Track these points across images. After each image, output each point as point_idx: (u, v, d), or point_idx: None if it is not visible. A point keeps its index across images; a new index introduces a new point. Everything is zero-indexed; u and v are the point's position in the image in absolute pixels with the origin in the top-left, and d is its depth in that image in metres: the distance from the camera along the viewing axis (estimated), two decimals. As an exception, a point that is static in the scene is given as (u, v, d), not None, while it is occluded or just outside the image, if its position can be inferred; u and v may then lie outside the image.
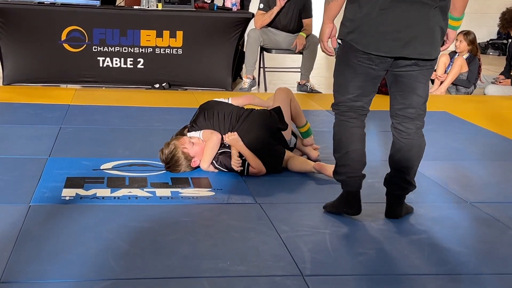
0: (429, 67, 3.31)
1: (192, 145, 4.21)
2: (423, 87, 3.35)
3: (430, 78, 3.40)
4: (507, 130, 5.81)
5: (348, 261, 3.04)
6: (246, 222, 3.43)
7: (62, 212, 3.43)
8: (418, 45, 3.20)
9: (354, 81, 3.31)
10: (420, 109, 3.37)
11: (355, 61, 3.27)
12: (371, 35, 3.19)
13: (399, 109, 3.37)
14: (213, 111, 4.38)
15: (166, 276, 2.78)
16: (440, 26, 3.24)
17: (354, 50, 3.26)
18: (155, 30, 7.14)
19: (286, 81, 8.14)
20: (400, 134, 3.40)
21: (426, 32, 3.20)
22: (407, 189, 3.50)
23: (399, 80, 3.32)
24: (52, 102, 6.16)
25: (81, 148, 4.65)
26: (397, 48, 3.19)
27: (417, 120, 3.39)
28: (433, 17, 3.19)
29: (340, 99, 3.39)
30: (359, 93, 3.33)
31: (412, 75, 3.29)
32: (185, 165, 4.17)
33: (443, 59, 7.93)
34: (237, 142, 4.16)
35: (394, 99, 3.39)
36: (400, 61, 3.25)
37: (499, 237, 3.40)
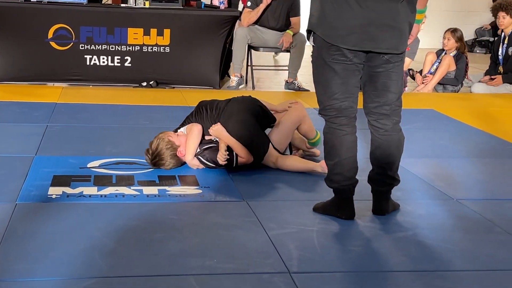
0: (399, 63, 3.34)
1: (177, 136, 4.24)
2: (396, 83, 3.37)
3: (402, 73, 3.41)
4: (493, 127, 5.83)
5: (335, 258, 3.05)
6: (233, 219, 3.43)
7: (49, 210, 3.42)
8: (385, 39, 3.22)
9: (335, 79, 3.30)
10: (395, 105, 3.39)
11: (330, 59, 3.28)
12: (341, 28, 3.21)
13: (374, 107, 3.39)
14: (203, 107, 4.39)
15: (153, 274, 2.78)
16: (408, 20, 3.27)
17: (326, 48, 3.27)
18: (143, 28, 7.12)
19: (274, 79, 8.16)
20: (378, 131, 3.42)
21: (393, 26, 3.22)
22: (391, 185, 3.51)
23: (373, 80, 3.35)
24: (38, 100, 6.14)
25: (68, 146, 4.64)
26: (365, 42, 3.22)
27: (393, 116, 3.40)
28: (400, 11, 3.21)
29: (327, 102, 3.37)
30: (343, 90, 3.32)
31: (385, 74, 3.32)
32: (170, 155, 4.15)
33: (430, 57, 7.95)
34: (221, 132, 4.16)
35: (368, 98, 3.40)
36: (374, 58, 3.28)
37: (485, 234, 3.41)
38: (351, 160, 3.39)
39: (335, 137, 3.37)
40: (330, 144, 3.41)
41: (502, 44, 7.88)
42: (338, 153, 3.38)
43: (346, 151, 3.37)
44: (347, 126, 3.37)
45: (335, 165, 3.40)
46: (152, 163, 4.18)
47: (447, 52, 7.84)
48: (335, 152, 3.38)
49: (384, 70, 3.31)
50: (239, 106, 4.31)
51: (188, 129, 4.28)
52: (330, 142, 3.41)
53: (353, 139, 3.39)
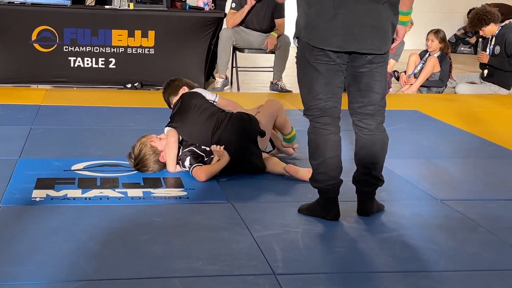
0: (383, 63, 3.36)
1: (159, 140, 4.22)
2: (380, 84, 3.38)
3: (385, 74, 3.43)
4: (477, 128, 5.87)
5: (320, 259, 3.05)
6: (218, 221, 3.43)
7: (33, 213, 3.41)
8: (368, 40, 3.24)
9: (319, 79, 3.32)
10: (379, 105, 3.41)
11: (313, 59, 3.29)
12: (323, 31, 3.23)
13: (358, 107, 3.40)
14: (194, 106, 4.32)
15: (138, 277, 2.77)
16: (391, 21, 3.29)
17: (309, 49, 3.29)
18: (127, 30, 7.10)
19: (259, 81, 8.16)
20: (362, 131, 3.43)
21: (376, 27, 3.24)
22: (375, 185, 3.52)
23: (357, 81, 3.36)
24: (22, 102, 6.11)
25: (52, 149, 4.62)
26: (348, 43, 3.23)
27: (377, 116, 3.41)
28: (383, 12, 3.23)
29: (311, 102, 3.38)
30: (327, 90, 3.33)
31: (369, 74, 3.33)
32: (153, 160, 4.15)
33: (413, 58, 7.99)
34: (224, 156, 4.13)
35: (353, 98, 3.41)
36: (357, 59, 3.29)
37: (469, 234, 3.43)
38: (335, 159, 3.40)
39: (319, 136, 3.39)
40: (314, 144, 3.42)
41: (489, 44, 7.93)
42: (322, 152, 3.39)
43: (330, 151, 3.38)
44: (331, 126, 3.38)
45: (319, 165, 3.41)
46: (135, 168, 4.18)
47: (431, 53, 7.88)
48: (319, 151, 3.39)
49: (368, 71, 3.32)
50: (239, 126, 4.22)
51: (166, 138, 4.23)
52: (314, 142, 3.42)
53: (337, 139, 3.41)
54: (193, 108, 4.31)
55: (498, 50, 7.81)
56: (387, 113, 3.49)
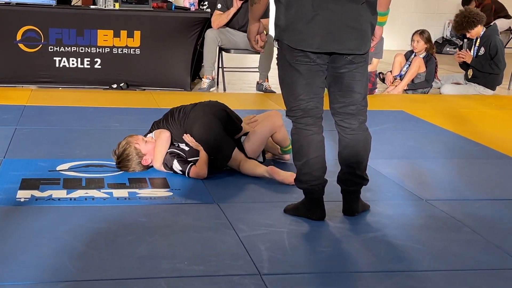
0: (363, 63, 3.36)
1: (145, 142, 4.20)
2: (360, 83, 3.39)
3: (366, 73, 3.44)
4: (462, 128, 5.90)
5: (305, 259, 3.06)
6: (204, 222, 3.43)
7: (17, 214, 3.39)
8: (348, 40, 3.25)
9: (300, 80, 3.32)
10: (361, 105, 3.41)
11: (294, 60, 3.29)
12: (302, 32, 3.23)
13: (339, 107, 3.41)
14: (169, 113, 4.38)
15: (124, 277, 2.76)
16: (370, 21, 3.30)
17: (289, 50, 3.29)
18: (112, 30, 7.08)
19: (246, 81, 8.16)
20: (344, 131, 3.44)
21: (355, 27, 3.25)
22: (360, 184, 3.53)
23: (337, 81, 3.36)
24: (7, 103, 6.08)
25: (37, 149, 4.60)
26: (327, 43, 3.24)
27: (359, 115, 3.42)
28: (362, 12, 3.24)
29: (292, 103, 3.38)
30: (308, 91, 3.33)
31: (350, 75, 3.34)
32: (135, 162, 4.15)
33: (399, 59, 8.01)
34: (198, 145, 4.15)
35: (334, 98, 3.42)
36: (337, 60, 3.30)
37: (454, 234, 3.45)
38: (319, 159, 3.41)
39: (302, 137, 3.39)
40: (297, 144, 3.42)
41: (474, 45, 7.97)
42: (306, 153, 3.39)
43: (313, 151, 3.39)
44: (313, 126, 3.39)
45: (303, 165, 3.41)
46: (117, 166, 4.17)
47: (417, 54, 7.91)
48: (303, 152, 3.40)
49: (348, 71, 3.33)
50: (205, 110, 4.29)
51: (156, 135, 4.25)
52: (297, 143, 3.42)
53: (320, 139, 3.41)
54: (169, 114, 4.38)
55: (483, 51, 7.86)
56: (372, 113, 3.51)
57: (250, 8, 3.46)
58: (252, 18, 3.48)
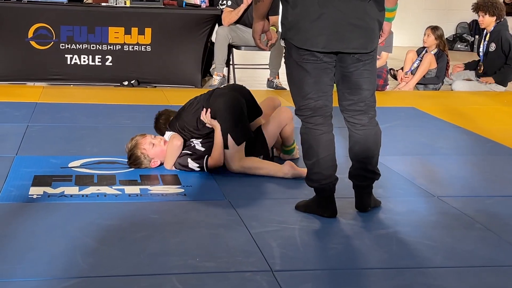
0: (370, 61, 3.35)
1: (152, 146, 4.16)
2: (369, 81, 3.37)
3: (374, 70, 3.42)
4: (473, 125, 5.87)
5: (317, 255, 3.06)
6: (215, 218, 3.43)
7: (30, 211, 3.40)
8: (353, 39, 3.23)
9: (307, 78, 3.30)
10: (370, 101, 3.40)
11: (300, 59, 3.28)
12: (308, 31, 3.21)
13: (348, 105, 3.40)
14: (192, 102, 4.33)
15: (135, 274, 2.77)
16: (377, 19, 3.28)
17: (295, 49, 3.28)
18: (123, 27, 7.10)
19: (256, 78, 8.15)
20: (355, 126, 3.42)
21: (361, 26, 3.23)
22: (372, 179, 3.52)
23: (345, 80, 3.35)
24: (19, 100, 6.10)
25: (48, 146, 4.62)
26: (333, 43, 3.22)
27: (368, 111, 3.41)
28: (368, 10, 3.22)
29: (301, 102, 3.37)
30: (316, 89, 3.32)
31: (357, 73, 3.32)
32: (146, 163, 4.17)
33: (410, 56, 7.98)
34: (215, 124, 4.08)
35: (342, 96, 3.40)
36: (344, 58, 3.28)
37: (466, 231, 3.43)
38: (329, 158, 3.40)
39: (312, 137, 3.38)
40: (307, 144, 3.41)
41: (483, 40, 7.94)
42: (316, 152, 3.38)
43: (323, 150, 3.38)
44: (323, 125, 3.37)
45: (313, 165, 3.40)
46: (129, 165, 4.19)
47: (428, 49, 7.88)
48: (313, 151, 3.39)
49: (356, 69, 3.31)
50: (230, 87, 4.31)
51: (170, 140, 4.19)
52: (307, 142, 3.41)
53: (329, 138, 3.40)
54: (187, 104, 4.34)
55: (493, 47, 7.81)
56: (384, 110, 3.51)
57: (254, 6, 3.44)
58: (257, 16, 3.46)
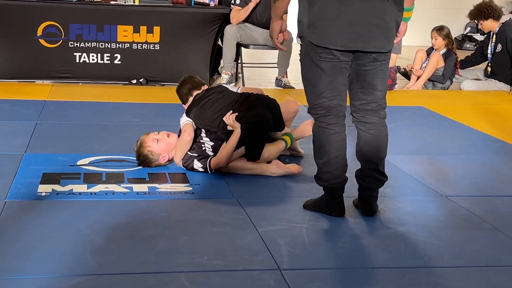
0: (386, 61, 3.35)
1: (156, 141, 4.16)
2: (382, 81, 3.37)
3: (387, 71, 3.42)
4: (482, 124, 5.86)
5: (325, 255, 3.06)
6: (223, 217, 3.43)
7: (38, 208, 3.42)
8: (372, 38, 3.22)
9: (323, 77, 3.30)
10: (382, 102, 3.40)
11: (317, 58, 3.27)
12: (327, 29, 3.20)
13: (360, 104, 3.39)
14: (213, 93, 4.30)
15: (143, 271, 2.78)
16: (395, 19, 3.27)
17: (312, 48, 3.26)
18: (132, 26, 7.10)
19: (265, 77, 8.15)
20: (365, 126, 3.41)
21: (380, 25, 3.22)
22: (382, 181, 3.50)
23: (360, 78, 3.34)
24: (28, 98, 6.12)
25: (57, 144, 4.63)
26: (352, 42, 3.21)
27: (379, 111, 3.41)
28: (387, 10, 3.21)
29: (315, 101, 3.36)
30: (331, 88, 3.31)
31: (373, 72, 3.32)
32: (154, 160, 4.17)
33: (420, 55, 7.96)
34: (236, 127, 4.06)
35: (355, 95, 3.39)
36: (361, 57, 3.27)
37: (474, 230, 3.43)
38: (340, 158, 3.39)
39: (324, 136, 3.37)
40: (318, 143, 3.41)
41: (491, 42, 7.91)
42: (327, 152, 3.38)
43: (334, 150, 3.37)
44: (335, 125, 3.36)
45: (324, 164, 3.40)
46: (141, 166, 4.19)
47: (437, 50, 7.86)
48: (324, 151, 3.38)
49: (372, 68, 3.31)
50: (264, 100, 4.24)
51: (181, 135, 4.19)
52: (318, 141, 3.40)
53: (341, 138, 3.39)
54: (214, 93, 4.30)
55: (500, 48, 7.80)
56: (392, 109, 3.50)
57: (272, 5, 3.43)
58: (275, 16, 3.45)
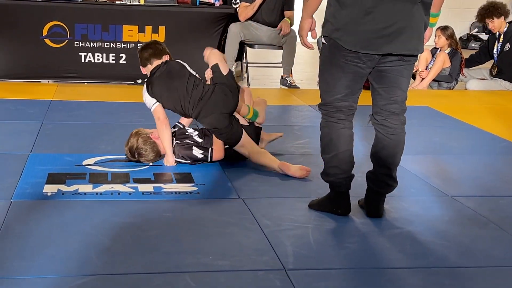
0: (413, 62, 3.33)
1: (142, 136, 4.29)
2: (406, 82, 3.36)
3: (412, 72, 3.41)
4: (488, 124, 5.85)
5: (330, 255, 3.05)
6: (228, 217, 3.43)
7: (44, 208, 3.42)
8: (405, 41, 3.20)
9: (342, 80, 3.29)
10: (403, 104, 3.39)
11: (343, 60, 3.24)
12: (358, 33, 3.18)
13: (383, 105, 3.36)
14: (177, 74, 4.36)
15: (149, 272, 2.78)
16: (424, 21, 3.26)
17: (341, 49, 3.24)
18: (137, 25, 7.11)
19: (270, 76, 8.15)
20: (386, 131, 3.38)
21: (412, 28, 3.20)
22: (392, 186, 3.48)
23: (383, 76, 3.31)
24: (33, 97, 6.13)
25: (63, 144, 4.63)
26: (385, 45, 3.19)
27: (401, 115, 3.39)
28: (417, 12, 3.20)
29: (328, 99, 3.36)
30: (347, 92, 3.31)
31: (397, 70, 3.29)
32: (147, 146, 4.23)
33: (425, 54, 7.94)
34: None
35: (378, 95, 3.37)
36: (387, 57, 3.24)
37: (480, 230, 3.42)
38: (348, 154, 3.39)
39: (333, 130, 3.37)
40: (327, 137, 3.40)
41: (497, 42, 7.90)
42: (336, 146, 3.37)
43: (343, 145, 3.37)
44: (345, 121, 3.37)
45: (332, 158, 3.40)
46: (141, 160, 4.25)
47: (441, 49, 7.85)
48: (333, 145, 3.38)
49: (397, 66, 3.28)
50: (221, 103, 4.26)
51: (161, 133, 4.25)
52: (327, 136, 3.40)
53: (350, 133, 3.40)
54: (178, 76, 4.34)
55: (508, 47, 7.78)
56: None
57: (304, 3, 3.37)
58: (306, 14, 3.40)
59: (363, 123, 3.54)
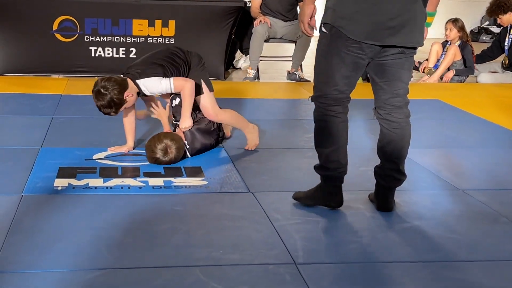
0: (412, 55, 3.32)
1: None
2: (407, 74, 3.34)
3: (412, 64, 3.40)
4: (499, 118, 5.82)
5: (340, 249, 3.05)
6: (238, 211, 3.44)
7: (55, 202, 3.43)
8: (408, 33, 3.19)
9: (342, 71, 3.26)
10: (406, 97, 3.37)
11: (345, 50, 3.21)
12: (365, 24, 3.16)
13: (386, 99, 3.34)
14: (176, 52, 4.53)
15: (159, 265, 2.78)
16: (424, 14, 3.26)
17: (344, 39, 3.20)
18: (147, 20, 7.11)
19: (277, 70, 8.14)
20: (391, 125, 3.37)
21: (415, 20, 3.20)
22: (400, 180, 3.46)
23: (385, 69, 3.29)
24: (44, 92, 6.15)
25: (73, 138, 4.65)
26: (390, 37, 3.17)
27: (404, 108, 3.38)
28: (417, 6, 3.19)
29: (326, 90, 3.32)
30: (346, 83, 3.29)
31: (398, 63, 3.27)
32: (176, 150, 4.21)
33: (435, 47, 7.92)
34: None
35: (381, 89, 3.35)
36: (389, 50, 3.23)
37: (491, 224, 3.41)
38: (346, 147, 3.39)
39: (333, 124, 3.34)
40: (326, 132, 3.37)
41: (509, 34, 7.86)
42: (336, 140, 3.35)
43: (343, 139, 3.36)
44: (343, 114, 3.35)
45: (332, 152, 3.37)
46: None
47: (451, 42, 7.82)
48: (333, 139, 3.35)
49: (398, 59, 3.26)
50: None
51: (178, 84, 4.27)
52: (326, 130, 3.37)
53: (347, 127, 3.38)
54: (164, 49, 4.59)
55: None
56: (408, 102, 3.47)
57: None
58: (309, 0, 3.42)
59: (369, 117, 3.51)
